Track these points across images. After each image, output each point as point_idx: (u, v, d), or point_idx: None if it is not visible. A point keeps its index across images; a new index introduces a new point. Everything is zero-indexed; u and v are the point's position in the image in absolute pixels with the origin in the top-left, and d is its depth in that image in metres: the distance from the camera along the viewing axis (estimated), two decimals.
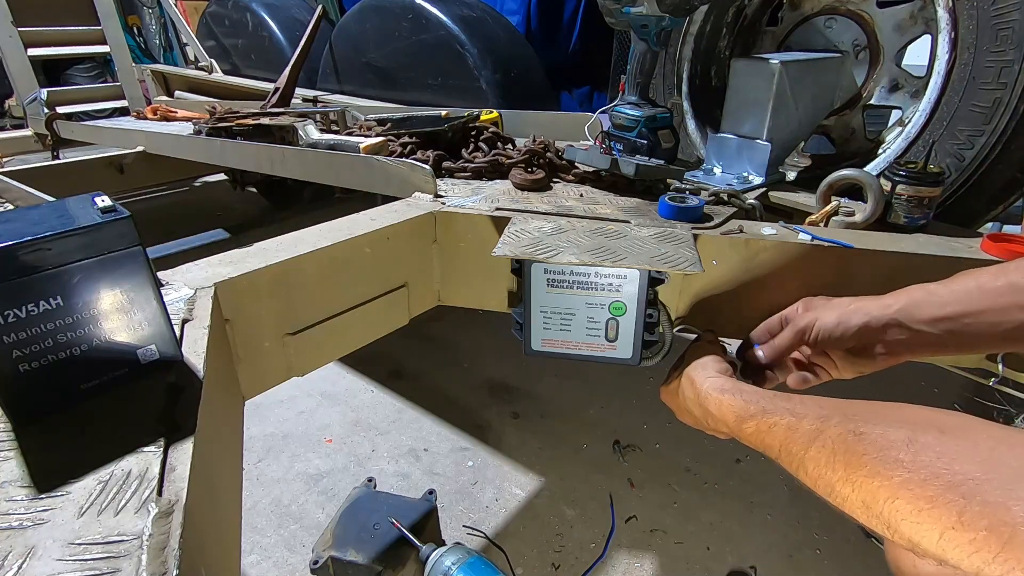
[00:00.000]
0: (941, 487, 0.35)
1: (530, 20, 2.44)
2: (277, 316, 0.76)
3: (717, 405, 0.58)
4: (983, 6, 0.94)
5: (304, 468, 1.38)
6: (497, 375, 1.74)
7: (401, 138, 1.29)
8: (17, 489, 0.41)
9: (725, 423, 0.57)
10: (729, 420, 0.56)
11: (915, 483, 0.36)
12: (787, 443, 0.48)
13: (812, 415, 0.47)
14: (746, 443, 0.55)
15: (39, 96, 2.38)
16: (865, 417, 0.43)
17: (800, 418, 0.48)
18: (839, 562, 1.14)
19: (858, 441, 0.41)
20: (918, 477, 0.36)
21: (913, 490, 0.36)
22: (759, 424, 0.52)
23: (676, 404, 0.71)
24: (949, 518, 0.33)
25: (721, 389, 0.59)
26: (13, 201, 1.47)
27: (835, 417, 0.45)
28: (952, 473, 0.35)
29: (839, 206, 0.98)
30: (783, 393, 0.54)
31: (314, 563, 0.88)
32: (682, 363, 0.70)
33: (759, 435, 0.52)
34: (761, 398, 0.54)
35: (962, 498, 0.33)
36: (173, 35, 4.65)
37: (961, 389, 1.62)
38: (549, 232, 0.83)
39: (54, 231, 0.43)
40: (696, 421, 0.66)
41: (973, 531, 0.32)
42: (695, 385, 0.63)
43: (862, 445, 0.41)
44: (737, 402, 0.56)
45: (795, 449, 0.47)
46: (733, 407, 0.56)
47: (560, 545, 1.17)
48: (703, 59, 1.42)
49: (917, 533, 0.35)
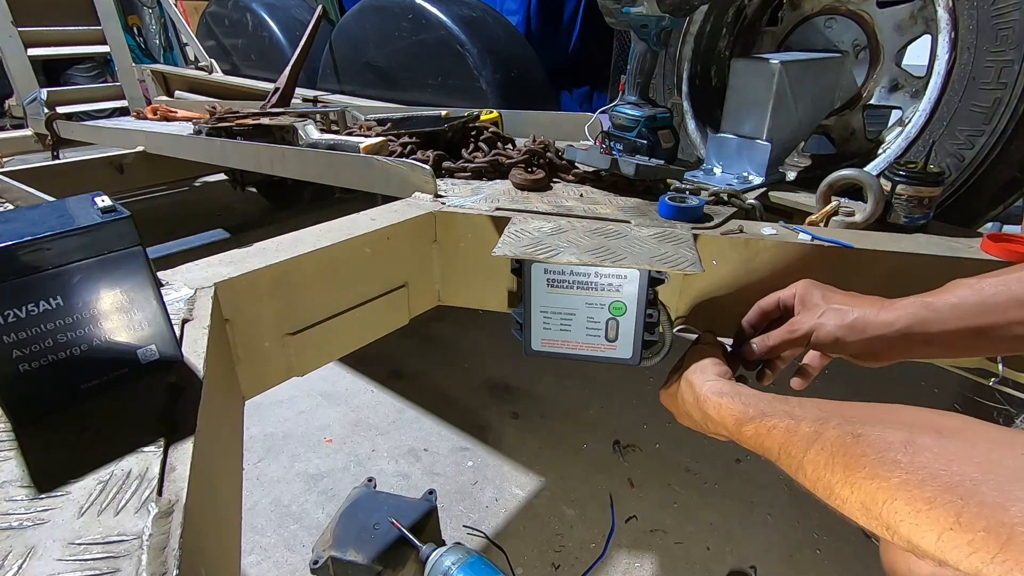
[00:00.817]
0: (939, 488, 0.35)
1: (530, 20, 2.44)
2: (277, 316, 0.76)
3: (716, 409, 0.58)
4: (983, 6, 0.94)
5: (304, 468, 1.38)
6: (497, 375, 1.74)
7: (401, 138, 1.29)
8: (17, 489, 0.41)
9: (724, 427, 0.57)
10: (728, 424, 0.56)
11: (913, 484, 0.36)
12: (786, 446, 0.48)
13: (810, 418, 0.47)
14: (746, 447, 0.55)
15: (39, 96, 2.38)
16: (863, 419, 0.43)
17: (799, 421, 0.48)
18: (839, 562, 1.14)
19: (856, 443, 0.41)
20: (916, 478, 0.36)
21: (911, 491, 0.36)
22: (758, 427, 0.52)
23: (676, 407, 0.70)
24: (947, 519, 0.33)
25: (720, 392, 0.59)
26: (13, 201, 1.47)
27: (833, 419, 0.45)
28: (950, 474, 0.35)
29: (839, 206, 0.98)
30: (781, 396, 0.54)
31: (314, 563, 0.88)
32: (681, 366, 0.70)
33: (758, 438, 0.52)
34: (759, 401, 0.54)
35: (960, 499, 0.33)
36: (173, 35, 4.65)
37: (961, 389, 1.62)
38: (549, 232, 0.83)
39: (54, 231, 0.43)
40: (696, 424, 0.66)
41: (971, 532, 0.32)
42: (694, 389, 0.63)
43: (860, 447, 0.41)
44: (735, 406, 0.56)
45: (794, 452, 0.47)
46: (732, 411, 0.56)
47: (560, 545, 1.17)
48: (703, 59, 1.42)
49: (916, 534, 0.35)
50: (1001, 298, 0.57)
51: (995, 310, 0.57)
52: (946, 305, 0.60)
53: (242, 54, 2.79)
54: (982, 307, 0.58)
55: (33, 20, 2.41)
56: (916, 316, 0.61)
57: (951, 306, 0.59)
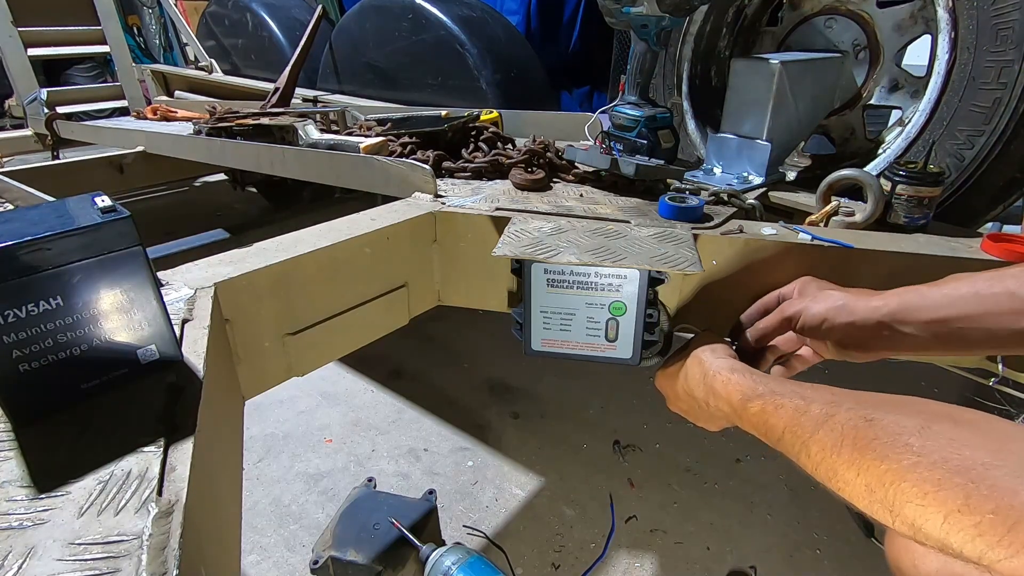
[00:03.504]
0: (949, 471, 0.34)
1: (530, 20, 2.45)
2: (277, 316, 0.76)
3: (724, 384, 0.59)
4: (983, 6, 0.94)
5: (304, 468, 1.38)
6: (497, 375, 1.74)
7: (401, 138, 1.29)
8: (17, 489, 0.41)
9: (728, 402, 0.57)
10: (734, 398, 0.56)
11: (923, 466, 0.36)
12: (792, 425, 0.48)
13: (822, 400, 0.47)
14: (746, 426, 0.55)
15: (39, 96, 2.38)
16: (877, 405, 0.43)
17: (809, 402, 0.48)
18: (839, 562, 1.14)
19: (869, 426, 0.41)
20: (927, 461, 0.36)
21: (921, 472, 0.36)
22: (765, 404, 0.52)
23: (672, 388, 0.71)
24: (955, 501, 0.33)
25: (731, 369, 0.60)
26: (13, 201, 1.47)
27: (847, 403, 0.45)
28: (962, 459, 0.35)
29: (839, 206, 0.98)
30: (792, 380, 0.54)
31: (314, 563, 0.88)
32: (685, 351, 0.70)
33: (763, 415, 0.52)
34: (770, 380, 0.55)
35: (970, 482, 0.33)
36: (173, 35, 4.65)
37: (961, 389, 1.62)
38: (549, 232, 0.83)
39: (54, 231, 0.43)
40: (691, 406, 0.66)
41: (978, 514, 0.32)
42: (703, 364, 0.63)
43: (873, 430, 0.40)
44: (746, 381, 0.56)
45: (800, 432, 0.46)
46: (740, 386, 0.56)
47: (560, 545, 1.17)
48: (703, 59, 1.42)
49: (921, 516, 0.35)
50: (995, 289, 0.57)
51: (988, 300, 0.57)
52: (938, 293, 0.60)
53: (242, 54, 2.79)
54: (975, 297, 0.57)
55: (33, 20, 2.41)
56: (905, 301, 0.61)
57: (943, 295, 0.59)
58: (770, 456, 1.40)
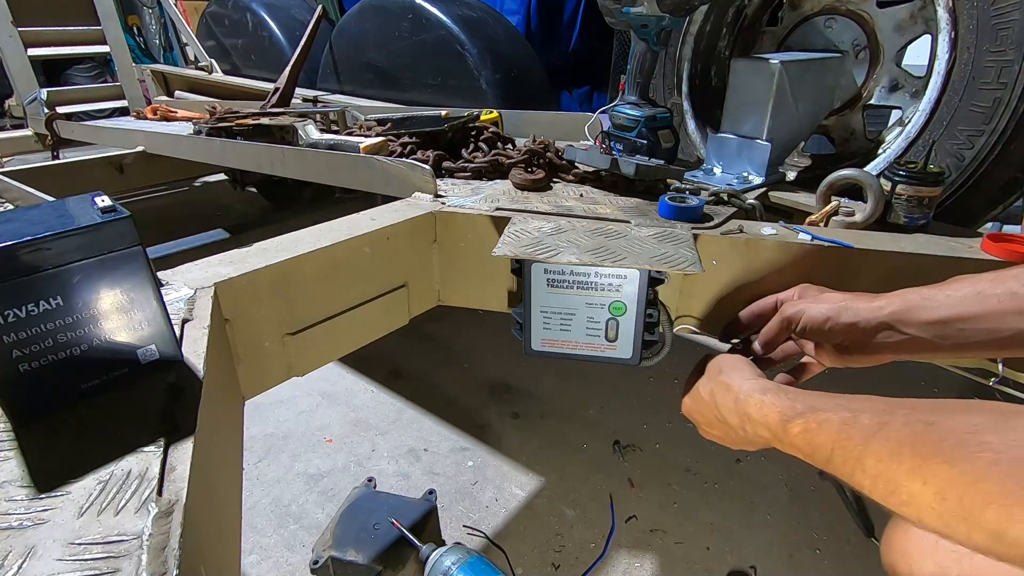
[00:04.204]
0: None
1: (530, 20, 2.45)
2: (277, 316, 0.76)
3: (758, 407, 0.54)
4: (983, 6, 0.94)
5: (304, 468, 1.38)
6: (497, 375, 1.74)
7: (401, 138, 1.29)
8: (17, 489, 0.41)
9: (767, 426, 0.53)
10: (772, 421, 0.52)
11: (1006, 462, 0.32)
12: (842, 439, 0.43)
13: (872, 409, 0.43)
14: (789, 448, 0.50)
15: (39, 96, 2.38)
16: (934, 409, 0.39)
17: (857, 413, 0.44)
18: (839, 562, 1.14)
19: (931, 430, 0.37)
20: (1010, 456, 0.32)
21: (1003, 468, 0.32)
22: (807, 422, 0.47)
23: (703, 415, 0.65)
24: None
25: (763, 389, 0.55)
26: (13, 201, 1.47)
27: (900, 410, 0.41)
28: None
29: (839, 206, 0.98)
30: (830, 393, 0.50)
31: (314, 563, 0.88)
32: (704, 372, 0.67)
33: (807, 435, 0.47)
34: (807, 396, 0.50)
35: None
36: (173, 35, 4.65)
37: (961, 389, 1.62)
38: (549, 232, 0.83)
39: (54, 231, 0.43)
40: (729, 431, 0.61)
41: None
42: (732, 389, 0.59)
43: (937, 433, 0.36)
44: (782, 401, 0.52)
45: (851, 446, 0.42)
46: (777, 406, 0.52)
47: (560, 545, 1.17)
48: (703, 59, 1.42)
49: (1007, 519, 0.30)
50: (997, 290, 0.56)
51: (990, 300, 0.56)
52: (940, 294, 0.59)
53: (242, 54, 2.79)
54: (977, 297, 0.57)
55: (33, 20, 2.41)
56: (908, 301, 0.60)
57: (945, 295, 0.59)
58: (770, 456, 1.40)
